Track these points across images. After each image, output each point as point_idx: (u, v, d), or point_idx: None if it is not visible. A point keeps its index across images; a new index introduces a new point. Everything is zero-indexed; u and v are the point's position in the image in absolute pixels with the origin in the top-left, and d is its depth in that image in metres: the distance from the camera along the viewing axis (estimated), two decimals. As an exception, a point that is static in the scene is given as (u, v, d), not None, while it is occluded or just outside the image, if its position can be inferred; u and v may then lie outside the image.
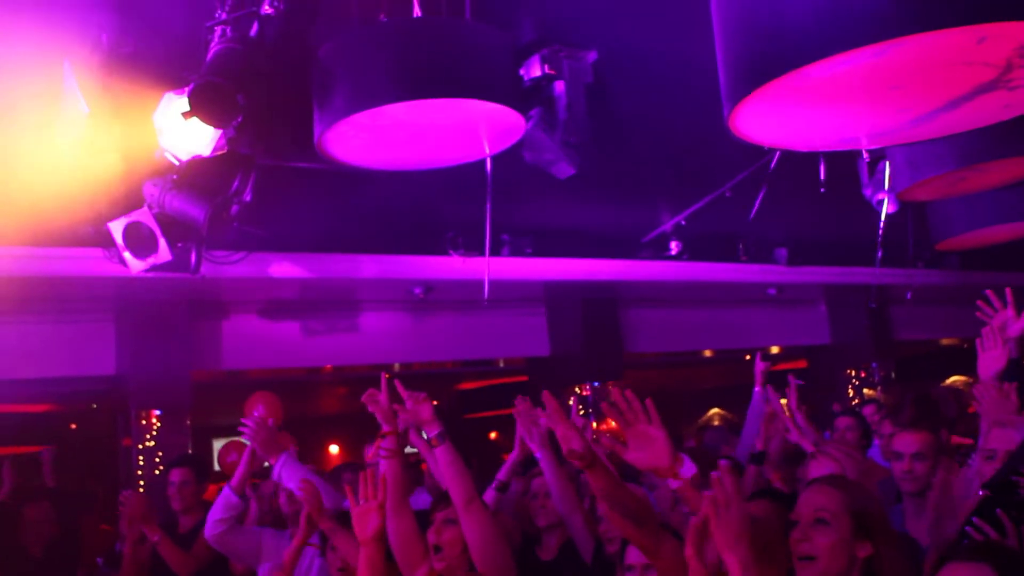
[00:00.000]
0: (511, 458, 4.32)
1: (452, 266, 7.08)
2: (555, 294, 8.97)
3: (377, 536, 3.08)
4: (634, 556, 3.07)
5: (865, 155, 5.91)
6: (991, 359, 3.49)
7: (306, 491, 3.91)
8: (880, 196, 5.99)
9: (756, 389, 5.78)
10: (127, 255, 4.72)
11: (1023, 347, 3.70)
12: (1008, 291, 3.66)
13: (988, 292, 3.66)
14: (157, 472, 7.04)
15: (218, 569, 4.85)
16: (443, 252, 7.03)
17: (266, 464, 4.55)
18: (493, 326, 8.91)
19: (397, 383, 3.48)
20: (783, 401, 5.37)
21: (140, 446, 7.21)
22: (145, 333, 7.21)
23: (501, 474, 4.25)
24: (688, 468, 2.45)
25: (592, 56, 4.49)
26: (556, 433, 2.67)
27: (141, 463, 7.19)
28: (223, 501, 4.41)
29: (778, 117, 3.14)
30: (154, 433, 7.27)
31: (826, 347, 10.77)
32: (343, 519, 3.94)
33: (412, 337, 8.57)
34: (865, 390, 10.51)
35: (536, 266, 7.68)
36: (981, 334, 3.53)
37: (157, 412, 7.31)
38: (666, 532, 2.69)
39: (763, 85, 2.69)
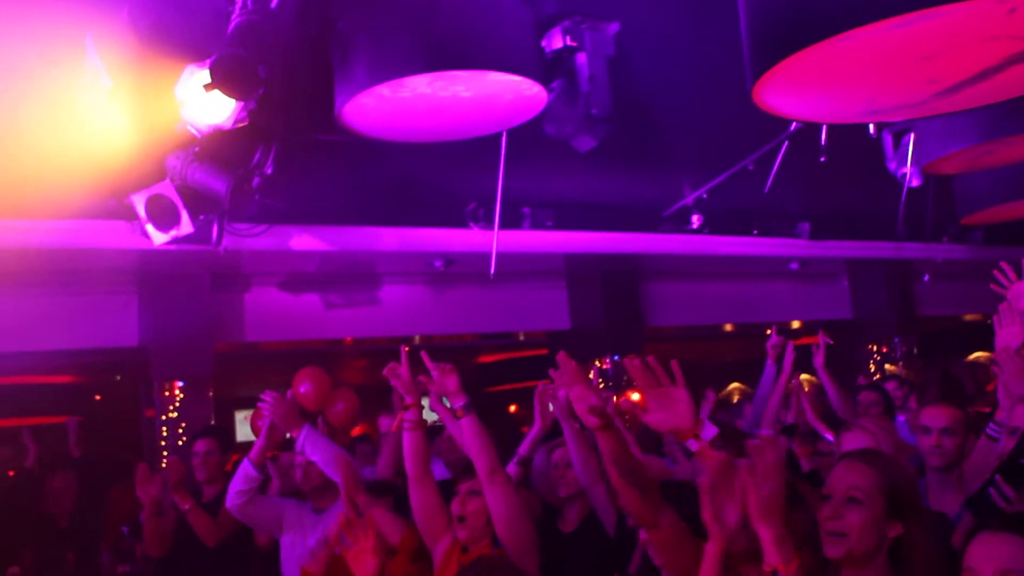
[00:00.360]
0: (532, 433, 4.33)
1: (472, 239, 7.07)
2: (576, 267, 8.95)
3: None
4: None
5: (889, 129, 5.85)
6: (1009, 335, 3.44)
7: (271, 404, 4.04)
8: (905, 170, 5.93)
9: (768, 363, 5.79)
10: (150, 227, 4.74)
11: None
12: (1023, 263, 3.62)
13: (1003, 264, 3.61)
14: (180, 443, 7.11)
15: (242, 538, 4.92)
16: (463, 225, 7.02)
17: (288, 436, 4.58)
18: (513, 299, 8.91)
19: (424, 355, 3.49)
20: (804, 376, 5.35)
21: (163, 417, 7.27)
22: (168, 305, 7.25)
23: (522, 449, 4.26)
24: (709, 430, 2.44)
25: (614, 28, 4.45)
26: (571, 394, 2.68)
27: (164, 434, 7.26)
28: (242, 473, 4.45)
29: (802, 89, 3.11)
30: (177, 404, 7.34)
31: (848, 322, 10.71)
32: (377, 490, 3.97)
33: (432, 310, 8.59)
34: (887, 365, 10.47)
35: (557, 239, 7.66)
36: (998, 310, 3.49)
37: (180, 383, 7.37)
38: (666, 505, 2.69)
39: (788, 57, 2.66)
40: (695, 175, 7.28)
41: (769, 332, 8.35)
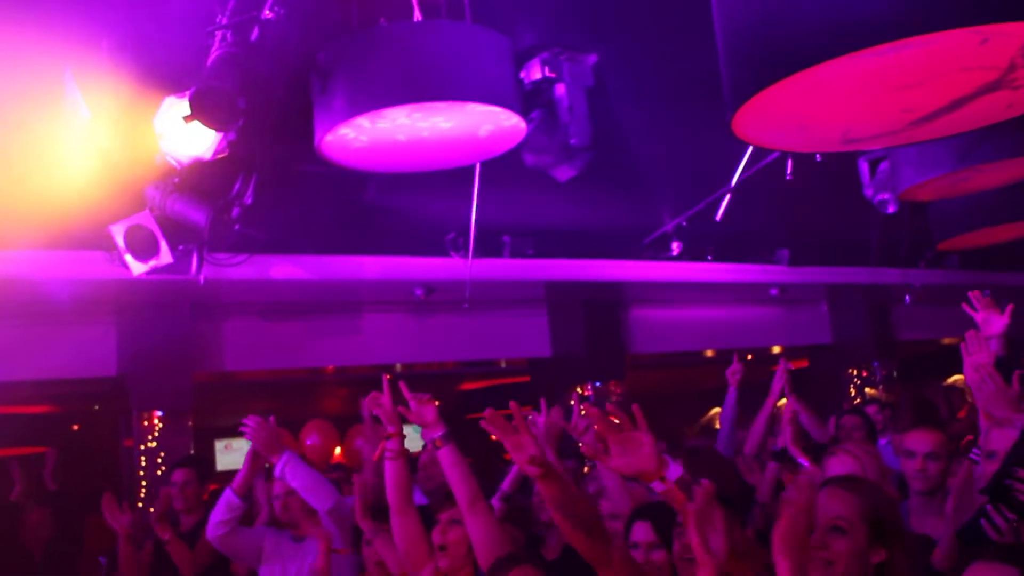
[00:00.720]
0: (515, 469, 4.32)
1: (453, 267, 7.08)
2: (556, 295, 8.97)
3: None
4: (640, 533, 3.08)
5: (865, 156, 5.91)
6: (975, 364, 3.47)
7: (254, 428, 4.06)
8: (882, 196, 5.98)
9: (729, 391, 5.80)
10: (128, 258, 4.73)
11: (1012, 346, 3.72)
12: (987, 292, 3.68)
13: (971, 294, 3.66)
14: (160, 472, 7.05)
15: (220, 568, 4.87)
16: (444, 253, 7.03)
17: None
18: (495, 327, 8.92)
19: (401, 384, 3.49)
20: (782, 401, 5.36)
21: (142, 447, 7.21)
22: (146, 335, 7.21)
23: (505, 485, 4.25)
24: (673, 471, 2.42)
25: (592, 59, 4.49)
26: (508, 444, 2.63)
27: (143, 464, 7.19)
28: (225, 502, 4.40)
29: (780, 119, 3.14)
30: (156, 434, 7.28)
31: (828, 347, 10.77)
32: (383, 516, 3.93)
33: (414, 338, 8.57)
34: (867, 389, 10.52)
35: (537, 267, 7.68)
36: (964, 338, 3.51)
37: (159, 413, 7.31)
38: (615, 541, 2.70)
39: (765, 88, 2.69)
40: (674, 203, 7.33)
41: (751, 358, 8.36)
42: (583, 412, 8.54)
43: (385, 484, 3.59)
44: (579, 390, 8.99)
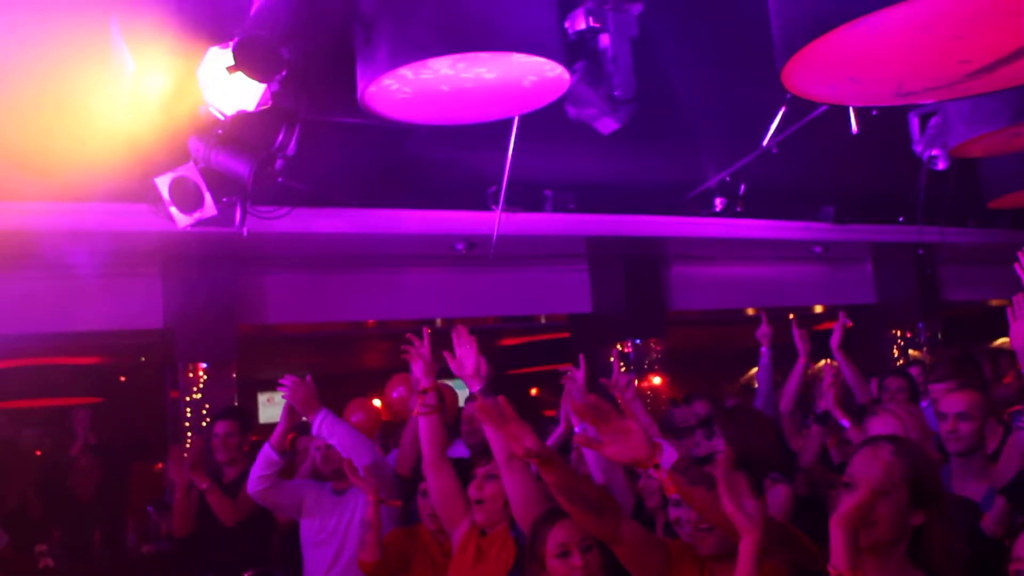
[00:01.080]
0: (555, 433, 4.34)
1: (494, 221, 7.06)
2: (598, 250, 8.93)
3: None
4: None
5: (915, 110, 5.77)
6: (1022, 328, 3.38)
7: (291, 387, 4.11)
8: (932, 152, 5.85)
9: (762, 350, 5.75)
10: (173, 210, 4.76)
11: None
12: None
13: (1021, 253, 3.54)
14: (204, 424, 7.17)
15: (262, 518, 4.96)
16: (485, 207, 7.01)
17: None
18: (535, 282, 8.91)
19: (462, 328, 3.47)
20: (824, 362, 5.30)
21: (187, 398, 7.34)
22: (191, 287, 7.30)
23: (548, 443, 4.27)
24: (668, 456, 2.37)
25: (637, 8, 4.40)
26: (505, 435, 2.61)
27: (188, 415, 7.32)
28: (263, 458, 4.47)
29: (831, 72, 3.07)
30: (201, 386, 7.40)
31: (871, 307, 10.63)
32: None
33: (454, 293, 8.60)
34: (910, 351, 10.38)
35: (579, 221, 7.63)
36: (1012, 301, 3.42)
37: (203, 365, 7.43)
38: (626, 517, 2.69)
39: (816, 39, 2.62)
40: (718, 158, 7.23)
41: (793, 316, 8.27)
42: (623, 369, 8.56)
43: (420, 438, 3.62)
44: (619, 347, 8.98)
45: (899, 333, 10.54)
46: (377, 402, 7.67)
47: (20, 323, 6.90)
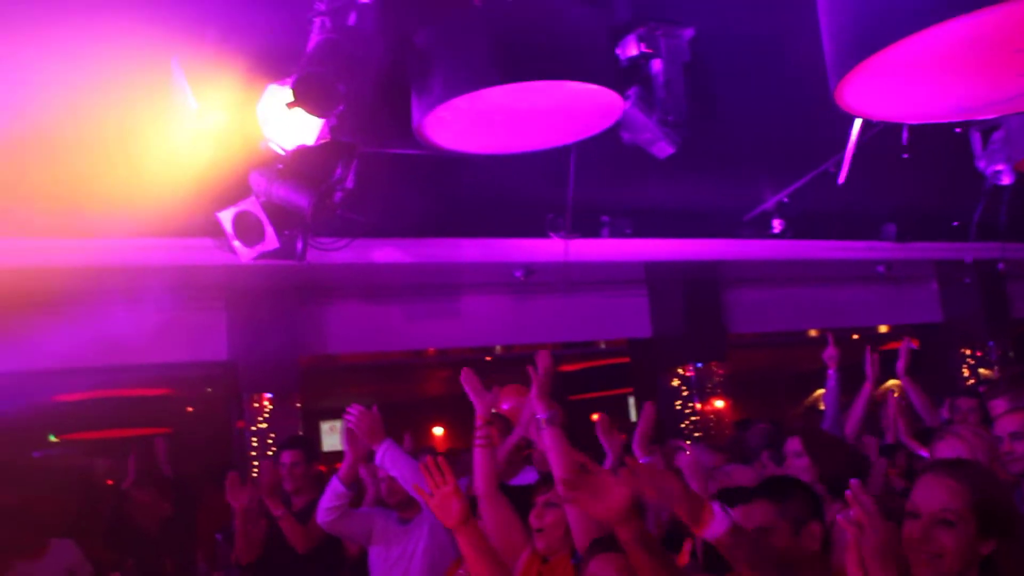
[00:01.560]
0: (607, 464, 4.32)
1: (553, 248, 7.08)
2: (656, 275, 8.89)
3: (465, 518, 3.09)
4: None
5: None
6: None
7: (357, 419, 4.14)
8: (995, 167, 5.73)
9: (829, 372, 5.63)
10: (236, 243, 4.85)
11: None
12: None
13: None
14: (270, 452, 7.26)
15: (332, 546, 4.99)
16: (543, 235, 7.03)
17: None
18: (594, 308, 8.90)
19: (547, 357, 3.47)
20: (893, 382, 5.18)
21: (253, 428, 7.45)
22: (255, 319, 7.43)
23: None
24: (719, 523, 2.31)
25: (689, 33, 4.41)
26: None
27: (254, 444, 7.43)
28: (331, 491, 4.50)
29: (887, 89, 3.04)
30: (266, 415, 7.51)
31: (938, 325, 10.40)
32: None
33: (513, 319, 8.61)
34: (981, 370, 10.12)
35: (636, 247, 7.61)
36: None
37: (268, 395, 7.54)
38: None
39: (871, 55, 2.60)
40: (775, 179, 7.17)
41: (857, 337, 8.13)
42: (684, 392, 8.46)
43: (474, 471, 3.64)
44: (680, 371, 8.91)
45: (969, 352, 10.28)
46: (439, 430, 7.67)
47: (94, 356, 7.07)
